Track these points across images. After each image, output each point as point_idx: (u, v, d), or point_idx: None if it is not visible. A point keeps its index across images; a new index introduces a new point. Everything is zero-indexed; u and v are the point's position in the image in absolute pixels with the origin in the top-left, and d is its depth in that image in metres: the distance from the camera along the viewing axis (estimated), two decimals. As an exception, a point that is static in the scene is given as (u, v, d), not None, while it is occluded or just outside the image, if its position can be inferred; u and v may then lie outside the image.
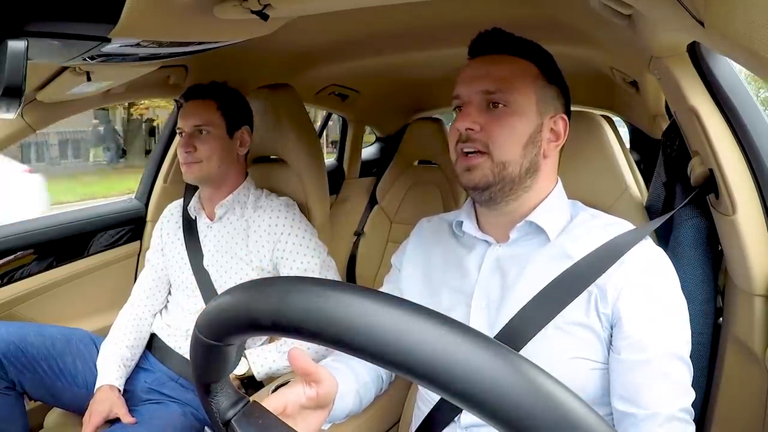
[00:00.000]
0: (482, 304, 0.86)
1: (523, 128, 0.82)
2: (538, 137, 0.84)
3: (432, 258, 0.97)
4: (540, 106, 0.84)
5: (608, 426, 0.30)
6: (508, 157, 0.82)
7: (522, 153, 0.82)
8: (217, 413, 0.48)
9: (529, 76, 0.84)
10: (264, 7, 0.85)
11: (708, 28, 0.50)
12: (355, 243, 2.45)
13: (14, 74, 0.61)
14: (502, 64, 0.84)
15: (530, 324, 0.79)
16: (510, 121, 0.82)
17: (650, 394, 0.74)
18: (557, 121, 0.86)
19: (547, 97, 0.85)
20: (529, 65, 0.85)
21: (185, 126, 1.39)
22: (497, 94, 0.82)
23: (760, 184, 0.85)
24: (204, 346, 0.43)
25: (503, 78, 0.83)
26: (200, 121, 1.38)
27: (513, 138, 0.82)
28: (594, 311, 0.78)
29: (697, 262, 0.98)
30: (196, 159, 1.37)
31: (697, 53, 0.87)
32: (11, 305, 1.55)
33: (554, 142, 0.86)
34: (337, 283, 0.36)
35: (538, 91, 0.84)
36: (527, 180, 0.84)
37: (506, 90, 0.82)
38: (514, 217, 0.87)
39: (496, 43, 0.86)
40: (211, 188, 1.44)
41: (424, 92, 2.36)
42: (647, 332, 0.76)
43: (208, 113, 1.39)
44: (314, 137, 1.68)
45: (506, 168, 0.82)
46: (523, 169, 0.83)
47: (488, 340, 0.32)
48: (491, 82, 0.82)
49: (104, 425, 1.25)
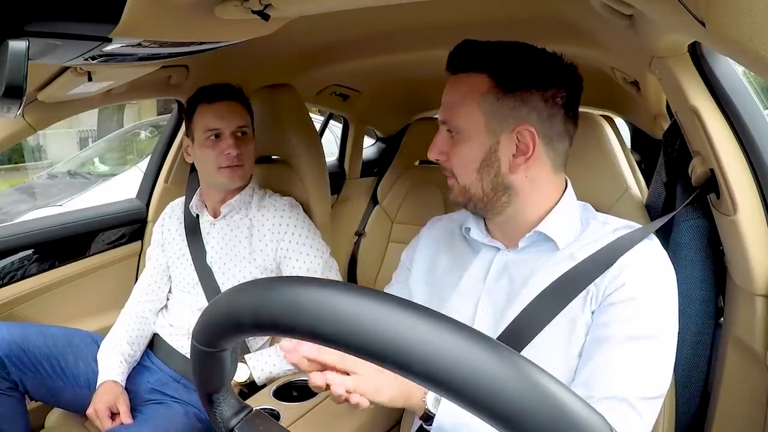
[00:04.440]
0: (488, 309, 0.86)
1: (473, 153, 0.82)
2: (492, 158, 0.82)
3: (441, 259, 0.97)
4: (491, 125, 0.81)
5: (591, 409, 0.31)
6: (466, 181, 0.84)
7: (478, 176, 0.83)
8: (221, 422, 0.49)
9: (476, 95, 0.81)
10: (265, 7, 0.85)
11: (709, 28, 0.50)
12: (356, 243, 2.44)
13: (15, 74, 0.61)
14: (454, 88, 0.84)
15: (532, 324, 0.79)
16: (460, 148, 0.83)
17: (599, 373, 0.75)
18: (522, 133, 0.80)
19: (500, 112, 0.80)
20: (480, 80, 0.81)
21: (226, 127, 1.36)
22: (448, 123, 0.84)
23: (761, 184, 0.85)
24: (200, 354, 0.44)
25: (451, 105, 0.84)
26: (243, 122, 1.39)
27: (465, 164, 0.83)
28: (588, 308, 0.79)
29: (698, 262, 0.98)
30: (241, 161, 1.38)
31: (698, 53, 0.87)
32: (12, 305, 1.55)
33: (523, 155, 0.81)
34: (311, 279, 0.37)
35: (486, 110, 0.80)
36: (501, 197, 0.84)
37: (452, 118, 0.83)
38: (516, 226, 0.87)
39: (456, 62, 0.85)
40: (237, 188, 1.44)
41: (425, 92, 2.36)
42: (614, 315, 0.76)
43: (243, 115, 1.40)
44: (315, 137, 1.68)
45: (469, 191, 0.84)
46: (487, 190, 0.83)
47: (461, 326, 0.32)
48: (444, 111, 0.85)
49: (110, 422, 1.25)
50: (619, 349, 0.75)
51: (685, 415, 1.00)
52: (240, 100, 1.41)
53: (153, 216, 1.86)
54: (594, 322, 0.78)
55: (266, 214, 1.42)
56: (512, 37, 0.87)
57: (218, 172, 1.38)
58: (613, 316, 0.77)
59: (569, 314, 0.79)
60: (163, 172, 1.88)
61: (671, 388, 0.96)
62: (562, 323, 0.79)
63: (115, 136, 5.53)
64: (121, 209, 1.84)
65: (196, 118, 1.38)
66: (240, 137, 1.38)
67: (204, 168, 1.42)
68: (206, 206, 1.48)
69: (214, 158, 1.37)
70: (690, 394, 1.00)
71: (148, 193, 1.89)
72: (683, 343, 0.96)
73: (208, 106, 1.37)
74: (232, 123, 1.36)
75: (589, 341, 0.78)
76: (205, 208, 1.48)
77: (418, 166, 2.45)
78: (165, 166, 1.88)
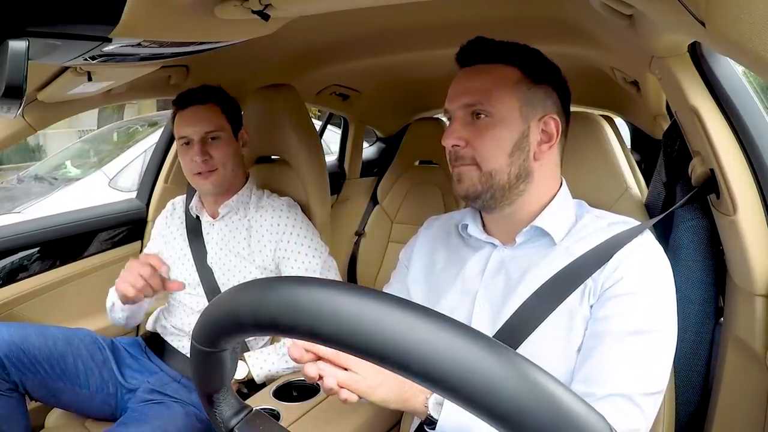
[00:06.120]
0: (485, 305, 0.87)
1: (507, 136, 0.83)
2: (524, 142, 0.83)
3: (438, 257, 0.98)
4: (524, 111, 0.83)
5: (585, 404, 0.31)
6: (494, 167, 0.83)
7: (508, 161, 0.83)
8: (221, 422, 0.49)
9: (509, 82, 0.83)
10: (265, 7, 0.85)
11: (709, 28, 0.50)
12: (356, 243, 2.45)
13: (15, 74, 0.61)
14: (481, 74, 0.85)
15: (530, 319, 0.80)
16: (492, 132, 0.83)
17: (600, 370, 0.75)
18: (547, 122, 0.84)
19: (532, 99, 0.84)
20: (511, 70, 0.84)
21: (193, 134, 1.34)
22: (478, 105, 0.83)
23: (761, 184, 0.85)
24: (200, 354, 0.44)
25: (483, 89, 0.84)
26: (212, 127, 1.35)
27: (497, 148, 0.83)
28: (586, 302, 0.79)
29: (698, 263, 0.99)
30: (212, 167, 1.35)
31: (698, 53, 0.87)
32: (12, 305, 1.55)
33: (546, 143, 0.85)
34: (310, 279, 0.37)
35: (520, 96, 0.83)
36: (520, 185, 0.85)
37: (486, 101, 0.83)
38: (516, 219, 0.88)
39: (477, 54, 0.86)
40: (220, 192, 1.43)
41: (425, 92, 2.36)
42: (613, 309, 0.77)
43: (216, 118, 1.37)
44: (315, 137, 1.68)
45: (493, 177, 0.83)
46: (512, 176, 0.84)
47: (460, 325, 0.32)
48: (472, 95, 0.84)
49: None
50: (620, 344, 0.75)
51: (684, 414, 1.00)
52: (215, 101, 1.38)
53: (153, 216, 1.86)
54: (593, 317, 0.78)
55: (264, 214, 1.42)
56: (512, 37, 0.88)
57: (192, 179, 1.39)
58: (612, 310, 0.77)
59: (567, 309, 0.79)
60: (163, 172, 1.88)
61: (671, 388, 0.97)
62: (561, 318, 0.80)
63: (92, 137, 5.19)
64: (121, 209, 1.84)
65: (174, 124, 1.39)
66: (209, 142, 1.35)
67: (185, 174, 1.42)
68: (205, 207, 1.48)
69: (187, 165, 1.37)
70: (690, 393, 1.00)
71: (148, 193, 1.89)
72: (683, 343, 0.97)
73: (181, 113, 1.37)
74: (200, 129, 1.34)
75: (588, 336, 0.78)
76: (204, 210, 1.48)
77: (418, 166, 2.45)
78: (165, 166, 1.88)
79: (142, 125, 4.67)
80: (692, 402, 1.01)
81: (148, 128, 4.44)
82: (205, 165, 1.34)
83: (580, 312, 0.79)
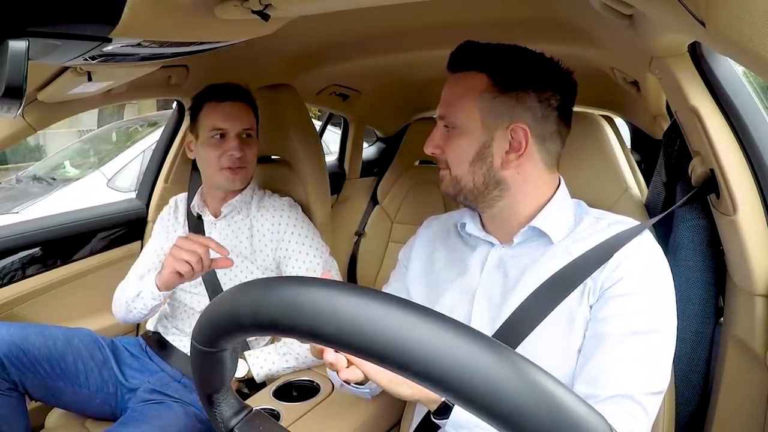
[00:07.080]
0: (484, 304, 0.87)
1: (467, 147, 0.85)
2: (486, 153, 0.84)
3: (437, 256, 0.98)
4: (487, 122, 0.84)
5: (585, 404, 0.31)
6: (458, 173, 0.87)
7: (470, 170, 0.86)
8: (221, 422, 0.49)
9: (474, 92, 0.84)
10: (265, 7, 0.85)
11: (709, 28, 0.50)
12: (356, 243, 2.44)
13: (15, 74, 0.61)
14: (453, 85, 0.88)
15: (529, 319, 0.80)
16: (457, 141, 0.86)
17: (602, 371, 0.75)
18: (516, 131, 0.83)
19: (496, 109, 0.83)
20: (480, 79, 0.84)
21: (232, 128, 1.35)
22: (446, 118, 0.88)
23: (761, 184, 0.85)
24: (200, 354, 0.44)
25: (449, 101, 0.87)
26: (248, 125, 1.38)
27: (459, 156, 0.86)
28: (586, 302, 0.79)
29: (698, 263, 0.99)
30: (244, 163, 1.37)
31: (698, 53, 0.87)
32: (12, 305, 1.55)
33: (516, 152, 0.83)
34: (310, 279, 0.37)
35: (483, 107, 0.84)
36: (492, 191, 0.86)
37: (450, 113, 0.87)
38: (511, 220, 0.88)
39: (458, 62, 0.88)
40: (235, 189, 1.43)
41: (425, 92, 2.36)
42: (613, 310, 0.77)
43: (249, 117, 1.40)
44: (315, 137, 1.68)
45: (460, 182, 0.87)
46: (478, 184, 0.86)
47: (460, 325, 0.32)
48: (442, 107, 0.88)
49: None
50: (621, 345, 0.75)
51: (685, 414, 1.00)
52: (248, 101, 1.41)
53: (153, 216, 1.86)
54: (593, 318, 0.79)
55: (265, 214, 1.42)
56: (512, 38, 0.88)
57: (219, 173, 1.37)
58: (612, 310, 0.77)
59: (567, 309, 0.79)
60: (163, 172, 1.88)
61: (671, 388, 0.97)
62: (560, 318, 0.80)
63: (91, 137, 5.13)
64: (121, 209, 1.84)
65: (202, 115, 1.38)
66: (244, 139, 1.38)
67: (206, 167, 1.41)
68: (207, 206, 1.48)
69: (217, 158, 1.36)
70: (690, 393, 1.00)
71: (148, 193, 1.89)
72: (683, 343, 0.97)
73: (216, 105, 1.36)
74: (239, 124, 1.36)
75: (589, 337, 0.78)
76: (207, 208, 1.48)
77: (418, 166, 2.45)
78: (165, 166, 1.88)
79: (141, 125, 4.66)
80: (692, 402, 1.01)
81: (148, 128, 4.43)
82: (239, 161, 1.36)
83: (579, 312, 0.79)
